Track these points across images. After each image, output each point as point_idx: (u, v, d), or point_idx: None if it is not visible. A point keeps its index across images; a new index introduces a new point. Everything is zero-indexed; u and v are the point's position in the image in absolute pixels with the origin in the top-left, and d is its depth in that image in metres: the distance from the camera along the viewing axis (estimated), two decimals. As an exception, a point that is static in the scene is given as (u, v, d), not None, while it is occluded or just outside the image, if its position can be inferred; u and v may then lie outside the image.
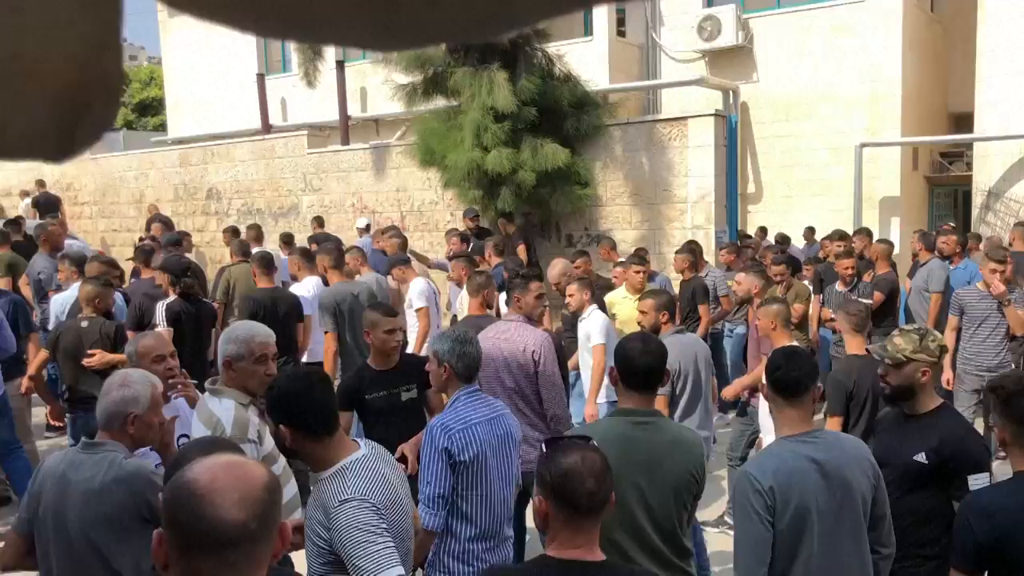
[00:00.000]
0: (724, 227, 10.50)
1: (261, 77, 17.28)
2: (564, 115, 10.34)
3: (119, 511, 2.54)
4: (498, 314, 6.04)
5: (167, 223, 11.72)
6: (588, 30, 14.88)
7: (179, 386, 3.67)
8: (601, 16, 14.28)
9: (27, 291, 8.18)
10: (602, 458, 2.07)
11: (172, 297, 5.91)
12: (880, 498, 2.73)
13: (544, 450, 2.12)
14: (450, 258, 8.29)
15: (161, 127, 26.70)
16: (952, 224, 10.86)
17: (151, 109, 32.95)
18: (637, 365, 2.84)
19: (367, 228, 11.82)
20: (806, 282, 7.76)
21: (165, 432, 2.91)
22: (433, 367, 3.35)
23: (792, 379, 2.71)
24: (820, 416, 4.47)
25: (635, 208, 10.69)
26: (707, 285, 7.61)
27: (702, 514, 4.89)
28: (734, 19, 12.83)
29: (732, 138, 11.12)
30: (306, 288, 6.73)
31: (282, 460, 3.26)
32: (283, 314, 6.02)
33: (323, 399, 2.53)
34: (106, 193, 17.23)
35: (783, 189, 13.11)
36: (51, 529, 2.60)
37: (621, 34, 14.96)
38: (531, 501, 2.21)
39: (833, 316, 6.06)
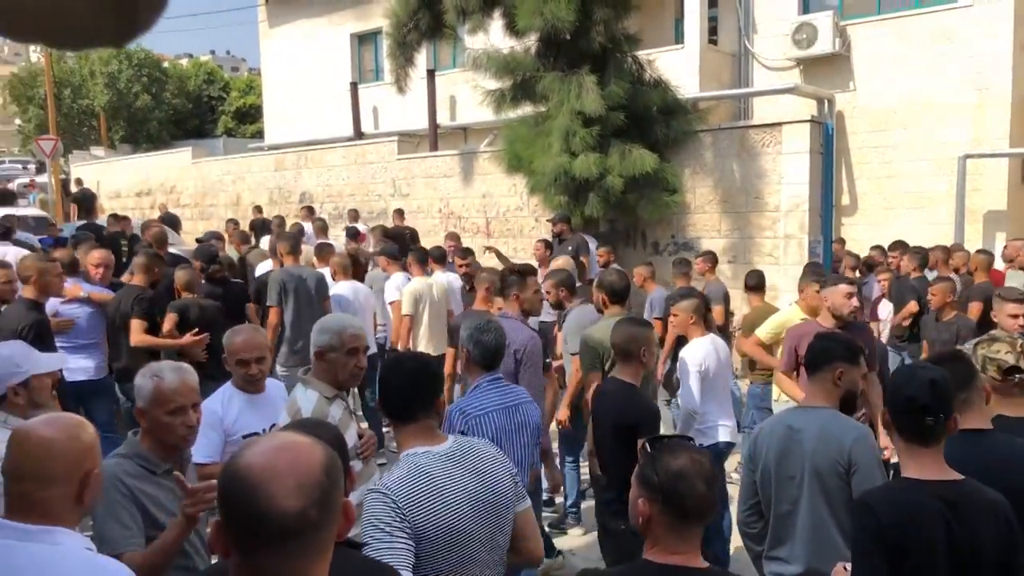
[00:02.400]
0: (819, 237, 10.21)
1: (354, 86, 17.75)
2: (653, 121, 10.25)
3: None
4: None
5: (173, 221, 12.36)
6: (679, 38, 14.74)
7: None
8: (693, 24, 14.13)
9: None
10: (710, 461, 2.01)
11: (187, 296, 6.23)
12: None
13: (647, 449, 2.04)
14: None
15: (258, 134, 27.68)
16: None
17: (249, 117, 34.19)
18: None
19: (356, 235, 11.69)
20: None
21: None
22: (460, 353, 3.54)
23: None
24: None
25: (724, 216, 10.50)
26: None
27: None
28: (831, 26, 12.49)
29: (828, 145, 10.82)
30: (395, 283, 7.18)
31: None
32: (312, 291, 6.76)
33: (402, 385, 2.51)
34: (205, 196, 17.94)
35: (879, 202, 12.66)
36: None
37: (713, 42, 14.77)
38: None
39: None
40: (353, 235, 10.89)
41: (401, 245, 11.11)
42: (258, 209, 15.53)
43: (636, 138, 10.00)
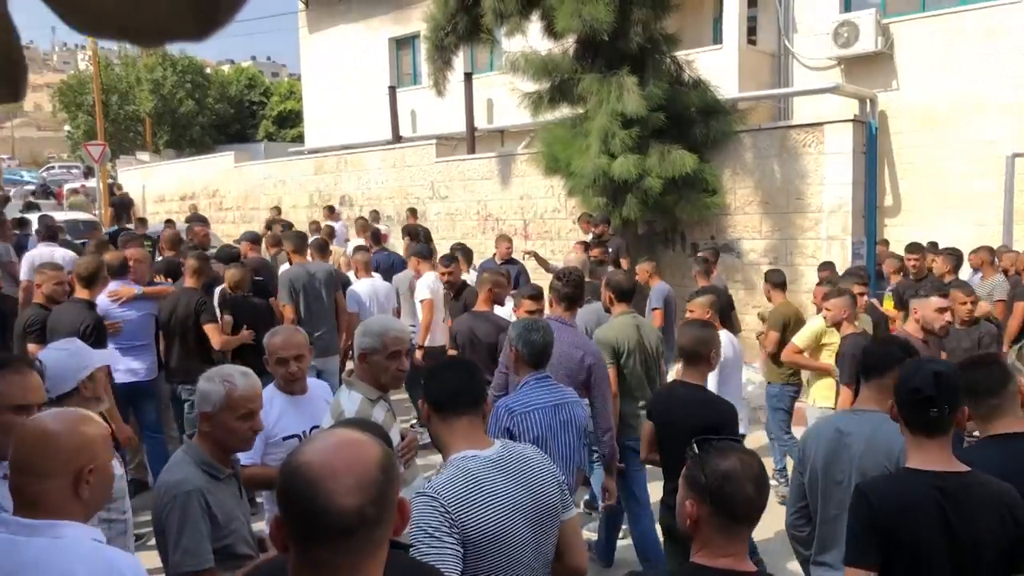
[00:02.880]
0: (862, 238, 10.07)
1: (393, 90, 17.90)
2: (692, 121, 10.19)
3: None
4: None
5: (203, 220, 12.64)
6: (717, 38, 14.64)
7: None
8: (732, 24, 14.02)
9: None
10: (759, 463, 2.00)
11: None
12: None
13: (695, 450, 2.02)
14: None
15: (298, 138, 28.04)
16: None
17: (289, 121, 34.64)
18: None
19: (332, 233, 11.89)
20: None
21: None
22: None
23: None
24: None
25: (765, 217, 10.40)
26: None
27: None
28: (873, 24, 12.31)
29: (872, 145, 10.67)
30: (426, 282, 7.29)
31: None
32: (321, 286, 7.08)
33: (457, 378, 2.49)
34: (247, 199, 18.22)
35: (922, 202, 12.43)
36: None
37: (752, 42, 14.64)
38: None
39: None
40: (376, 237, 11.07)
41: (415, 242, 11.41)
42: (276, 210, 16.04)
43: (675, 139, 9.95)
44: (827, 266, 7.89)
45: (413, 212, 13.63)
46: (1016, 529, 2.34)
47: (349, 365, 7.98)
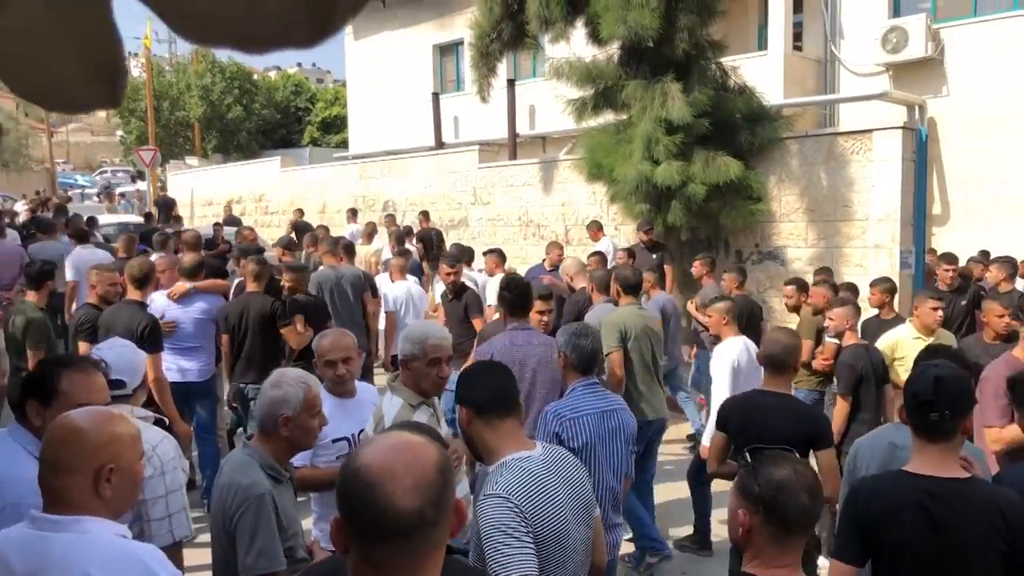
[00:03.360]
0: (910, 247, 9.90)
1: (436, 96, 18.06)
2: (737, 128, 10.12)
3: None
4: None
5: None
6: (762, 45, 14.52)
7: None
8: (777, 30, 13.90)
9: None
10: (814, 473, 2.00)
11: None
12: None
13: (747, 459, 2.03)
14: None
15: (343, 143, 28.37)
16: None
17: (334, 127, 35.07)
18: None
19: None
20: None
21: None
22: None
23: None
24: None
25: (811, 225, 10.29)
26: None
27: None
28: (924, 29, 12.12)
29: (922, 153, 10.50)
30: (493, 286, 7.34)
31: None
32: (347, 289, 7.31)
33: (496, 381, 2.51)
34: (293, 203, 18.49)
35: (972, 210, 12.19)
36: None
37: (797, 48, 14.50)
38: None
39: None
40: (370, 233, 11.90)
41: (427, 247, 11.63)
42: (300, 212, 16.70)
43: (720, 145, 9.89)
44: (823, 271, 8.04)
45: (426, 216, 13.90)
46: (1010, 535, 2.29)
47: (378, 372, 8.16)
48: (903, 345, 5.44)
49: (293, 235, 11.86)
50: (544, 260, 9.23)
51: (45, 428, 2.33)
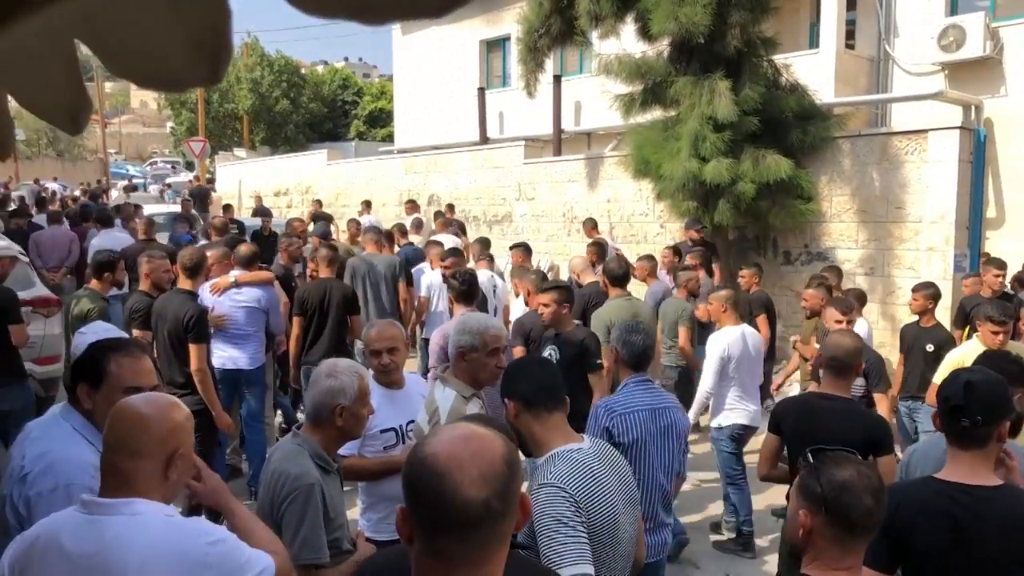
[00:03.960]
0: (964, 250, 9.68)
1: (482, 91, 18.09)
2: (788, 126, 9.98)
3: None
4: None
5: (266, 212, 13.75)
6: (814, 42, 14.29)
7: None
8: (829, 28, 13.67)
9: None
10: (878, 475, 1.97)
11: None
12: None
13: (809, 460, 2.01)
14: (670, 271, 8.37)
15: (388, 138, 28.57)
16: None
17: (380, 121, 35.34)
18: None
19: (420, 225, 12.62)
20: None
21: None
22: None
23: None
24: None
25: (862, 226, 10.11)
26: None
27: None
28: (982, 28, 11.81)
29: (979, 154, 10.24)
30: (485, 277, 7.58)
31: None
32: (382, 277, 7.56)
33: (542, 373, 2.52)
34: (339, 196, 18.69)
35: (1031, 213, 11.88)
36: None
37: (850, 47, 14.24)
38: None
39: None
40: (418, 226, 12.21)
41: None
42: (318, 203, 17.25)
43: (770, 144, 9.77)
44: (829, 270, 8.07)
45: (451, 208, 14.32)
46: None
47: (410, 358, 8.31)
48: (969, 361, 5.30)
49: (312, 223, 12.42)
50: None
51: (95, 411, 2.41)
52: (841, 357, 3.57)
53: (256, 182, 22.96)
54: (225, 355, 6.13)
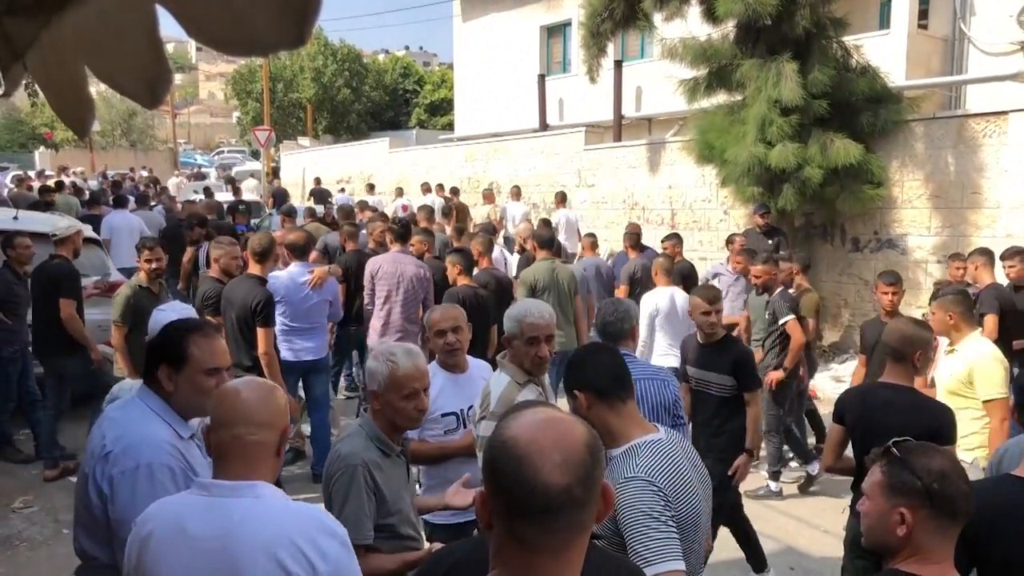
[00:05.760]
0: (1046, 237, 9.26)
1: (542, 78, 18.01)
2: (858, 109, 9.68)
3: None
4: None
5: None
6: (884, 22, 13.85)
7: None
8: (902, 7, 13.23)
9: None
10: (956, 458, 1.94)
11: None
12: None
13: (895, 454, 1.94)
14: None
15: (449, 126, 28.69)
16: None
17: (440, 109, 35.49)
18: None
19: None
20: None
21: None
22: None
23: None
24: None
25: (935, 212, 9.76)
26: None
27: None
28: (1067, 4, 11.31)
29: (1062, 136, 9.78)
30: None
31: None
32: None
33: (612, 362, 2.43)
34: (400, 184, 18.85)
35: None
36: None
37: (922, 27, 13.76)
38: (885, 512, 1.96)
39: None
40: (447, 212, 12.70)
41: (460, 219, 12.46)
42: (317, 180, 18.25)
43: (838, 127, 9.49)
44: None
45: (455, 192, 14.58)
46: None
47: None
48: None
49: (311, 202, 12.99)
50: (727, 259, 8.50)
51: (176, 392, 2.46)
52: (893, 344, 3.47)
53: (320, 170, 23.33)
54: (298, 347, 6.19)
